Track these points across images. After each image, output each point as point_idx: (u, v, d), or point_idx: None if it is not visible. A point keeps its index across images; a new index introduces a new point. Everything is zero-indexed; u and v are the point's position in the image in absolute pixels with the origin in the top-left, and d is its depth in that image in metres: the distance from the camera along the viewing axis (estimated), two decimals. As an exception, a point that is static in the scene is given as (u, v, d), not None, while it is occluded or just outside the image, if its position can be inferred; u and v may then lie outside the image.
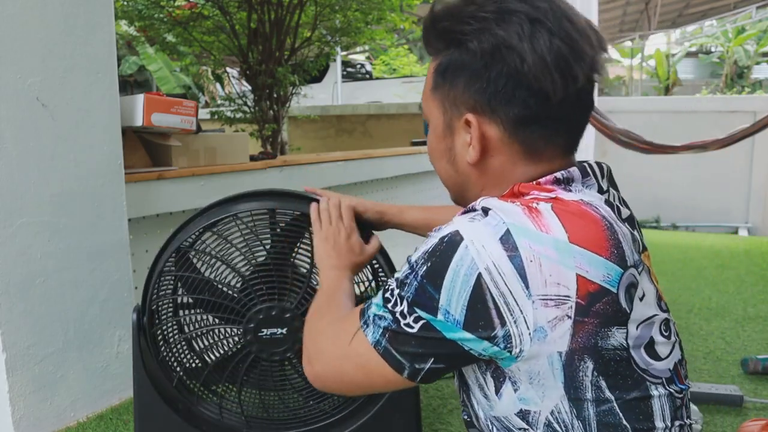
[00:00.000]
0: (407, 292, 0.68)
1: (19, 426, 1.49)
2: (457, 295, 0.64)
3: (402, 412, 1.16)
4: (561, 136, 0.72)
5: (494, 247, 0.64)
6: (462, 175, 0.77)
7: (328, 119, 6.80)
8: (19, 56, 1.42)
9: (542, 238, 0.64)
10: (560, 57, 0.67)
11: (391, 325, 0.69)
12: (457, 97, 0.73)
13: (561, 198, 0.68)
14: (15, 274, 1.46)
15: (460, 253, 0.64)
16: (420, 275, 0.67)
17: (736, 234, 5.24)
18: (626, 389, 0.67)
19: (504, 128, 0.71)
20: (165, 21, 4.05)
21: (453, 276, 0.65)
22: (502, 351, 0.65)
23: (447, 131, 0.76)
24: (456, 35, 0.70)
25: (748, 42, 14.12)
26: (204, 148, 2.19)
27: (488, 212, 0.66)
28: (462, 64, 0.71)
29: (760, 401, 1.69)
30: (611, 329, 0.65)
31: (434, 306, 0.66)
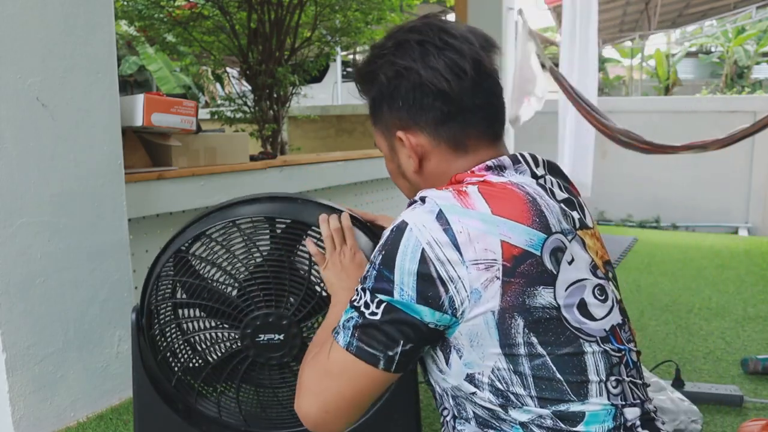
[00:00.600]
0: (368, 283, 0.77)
1: (19, 426, 1.49)
2: (407, 271, 0.74)
3: (402, 412, 1.16)
4: (476, 126, 0.84)
5: (432, 224, 0.75)
6: (414, 184, 0.91)
7: (328, 119, 6.80)
8: (19, 56, 1.42)
9: (469, 213, 0.75)
10: (450, 61, 0.81)
11: (358, 320, 0.76)
12: (387, 122, 0.88)
13: (489, 180, 0.80)
14: (15, 274, 1.46)
15: (407, 236, 0.75)
16: (377, 264, 0.77)
17: (736, 234, 5.24)
18: (558, 345, 0.75)
19: (427, 133, 0.85)
20: (165, 21, 4.06)
21: (402, 256, 0.75)
22: (451, 317, 0.74)
23: (392, 152, 0.91)
24: (370, 75, 0.87)
25: (748, 42, 14.11)
26: (204, 148, 2.19)
27: (425, 200, 0.78)
28: (380, 94, 0.86)
29: (760, 401, 1.69)
30: (537, 288, 0.74)
31: (391, 287, 0.75)
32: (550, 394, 0.75)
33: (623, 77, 15.74)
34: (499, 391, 0.76)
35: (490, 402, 0.77)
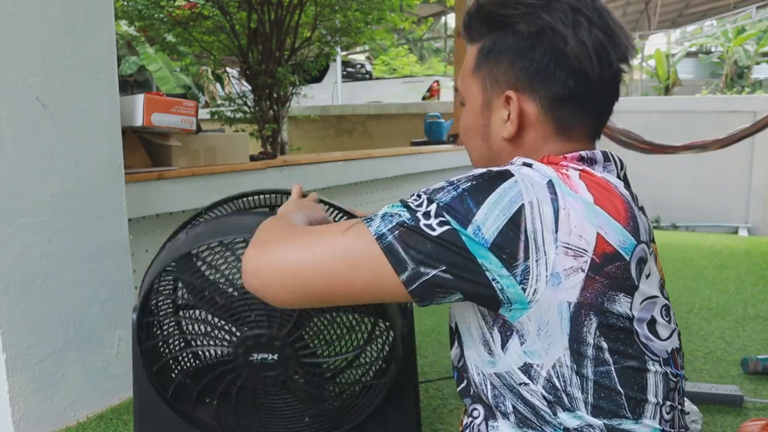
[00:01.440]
0: (441, 198, 0.68)
1: (19, 426, 1.49)
2: (495, 216, 0.66)
3: (402, 412, 1.16)
4: (589, 118, 0.79)
5: (541, 187, 0.68)
6: (495, 151, 0.82)
7: (328, 119, 6.80)
8: (19, 56, 1.42)
9: (573, 195, 0.69)
10: (598, 43, 0.74)
11: (408, 221, 0.67)
12: (499, 76, 0.79)
13: (588, 171, 0.74)
14: (15, 274, 1.46)
15: (509, 183, 0.68)
16: (462, 188, 0.68)
17: (736, 234, 5.24)
18: (625, 357, 0.70)
19: (541, 105, 0.77)
20: (165, 21, 4.06)
21: (497, 198, 0.67)
22: (515, 285, 0.67)
23: (485, 108, 0.81)
24: (503, 19, 0.77)
25: (748, 42, 14.11)
26: (204, 148, 2.19)
27: (532, 165, 0.72)
28: (508, 45, 0.77)
29: (760, 401, 1.69)
30: (618, 294, 0.69)
31: (468, 218, 0.66)
32: (607, 405, 0.70)
33: (623, 77, 15.70)
34: (554, 388, 0.70)
35: (540, 398, 0.71)
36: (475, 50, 0.82)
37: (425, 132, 4.11)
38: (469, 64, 0.83)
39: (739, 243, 4.11)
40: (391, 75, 13.39)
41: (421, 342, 2.18)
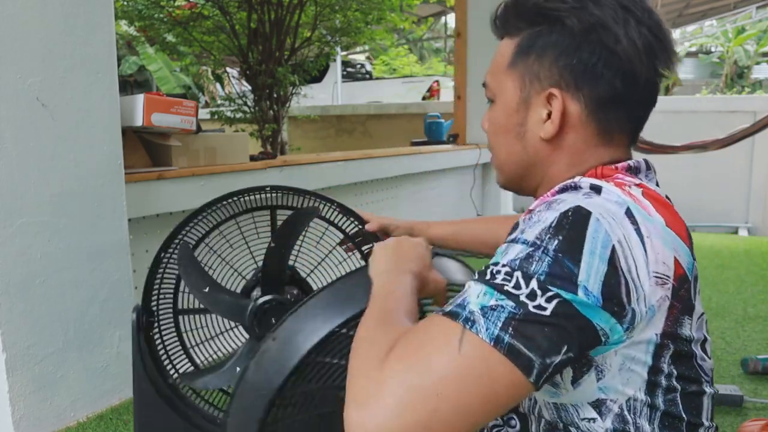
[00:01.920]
0: (537, 269, 0.58)
1: (19, 426, 1.49)
2: (596, 269, 0.59)
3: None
4: (629, 124, 0.74)
5: (623, 219, 0.62)
6: (530, 152, 0.76)
7: (328, 119, 6.80)
8: (19, 56, 1.42)
9: (649, 218, 0.64)
10: (647, 44, 0.70)
11: (516, 311, 0.57)
12: (541, 72, 0.73)
13: (645, 186, 0.69)
14: (15, 274, 1.46)
15: (594, 226, 0.60)
16: (552, 249, 0.59)
17: (736, 234, 5.24)
18: (689, 381, 0.67)
19: (585, 106, 0.72)
20: (165, 21, 4.06)
21: (591, 248, 0.59)
22: (623, 334, 0.61)
23: (522, 106, 0.75)
24: (549, 12, 0.72)
25: (748, 42, 14.12)
26: (204, 148, 2.19)
27: (600, 189, 0.65)
28: (553, 41, 0.72)
29: (760, 401, 1.69)
30: (684, 317, 0.65)
31: (573, 282, 0.58)
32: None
33: (623, 77, 15.72)
34: (624, 421, 0.65)
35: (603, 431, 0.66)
36: (512, 45, 0.76)
37: (425, 132, 4.11)
38: (504, 58, 0.77)
39: (739, 243, 4.11)
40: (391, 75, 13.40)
41: (421, 342, 2.18)
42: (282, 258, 1.09)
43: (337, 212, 1.21)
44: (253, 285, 1.16)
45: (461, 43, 4.13)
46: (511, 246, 0.62)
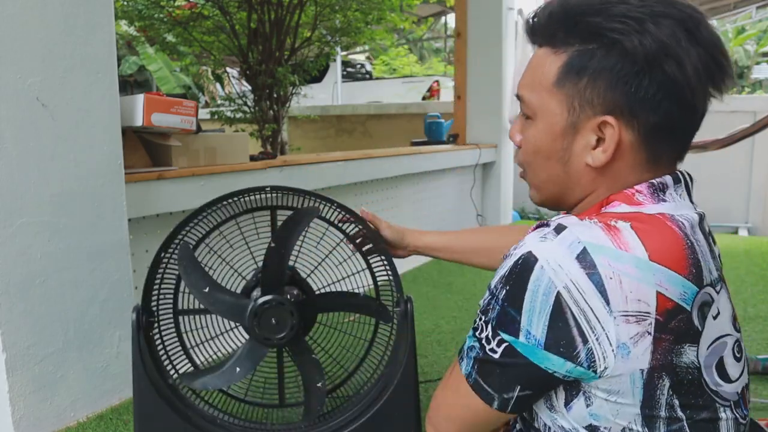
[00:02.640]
0: (490, 317, 0.69)
1: (19, 426, 1.49)
2: (537, 315, 0.64)
3: (402, 411, 1.16)
4: (680, 146, 0.72)
5: (571, 265, 0.62)
6: (572, 177, 0.73)
7: (328, 119, 6.80)
8: (19, 56, 1.42)
9: (622, 256, 0.62)
10: (707, 69, 0.65)
11: (479, 353, 0.70)
12: (594, 98, 0.68)
13: (643, 213, 0.67)
14: (15, 274, 1.46)
15: (536, 274, 0.64)
16: (500, 299, 0.68)
17: (736, 234, 5.24)
18: (697, 409, 0.67)
19: (639, 134, 0.68)
20: (165, 21, 4.06)
21: (532, 297, 0.64)
22: (587, 371, 0.64)
23: (569, 130, 0.71)
24: (606, 32, 0.65)
25: (748, 42, 14.11)
26: (204, 148, 2.19)
27: (562, 230, 0.65)
28: (611, 64, 0.66)
29: (760, 401, 1.69)
30: (684, 346, 0.65)
31: (516, 328, 0.66)
32: None
33: (623, 77, 15.71)
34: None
35: None
36: (558, 60, 0.70)
37: (425, 132, 4.11)
38: (548, 75, 0.71)
39: (739, 243, 4.11)
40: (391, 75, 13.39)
41: (421, 342, 2.18)
42: (282, 258, 1.09)
43: (338, 212, 1.21)
44: (253, 285, 1.17)
45: (461, 43, 4.13)
46: (486, 290, 0.71)
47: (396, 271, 1.19)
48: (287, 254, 1.10)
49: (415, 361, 1.18)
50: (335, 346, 1.32)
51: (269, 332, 1.08)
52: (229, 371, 1.11)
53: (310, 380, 1.14)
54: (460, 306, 2.64)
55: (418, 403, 1.19)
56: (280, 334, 1.08)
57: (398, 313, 1.17)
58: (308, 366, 1.14)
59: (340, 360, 1.31)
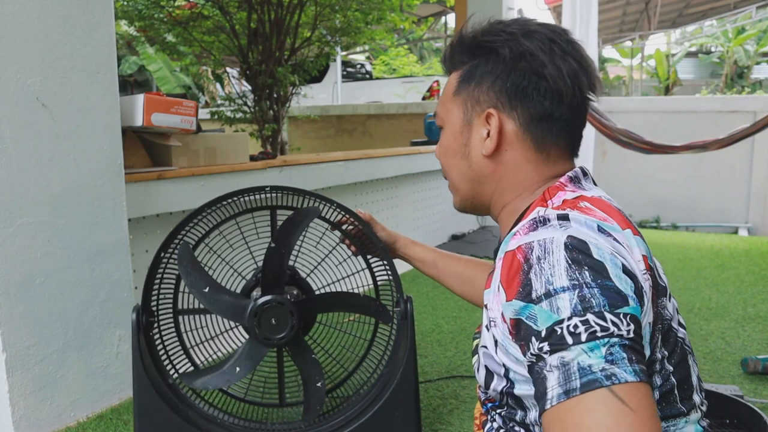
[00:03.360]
0: (598, 303, 0.61)
1: (19, 426, 1.49)
2: (623, 278, 0.64)
3: (402, 411, 1.16)
4: (563, 139, 0.83)
5: (600, 236, 0.68)
6: (475, 170, 0.85)
7: (328, 119, 6.80)
8: (19, 56, 1.42)
9: (614, 228, 0.71)
10: (572, 69, 0.79)
11: (624, 342, 0.60)
12: (480, 96, 0.83)
13: (586, 195, 0.77)
14: (15, 274, 1.46)
15: (594, 247, 0.65)
16: (591, 281, 0.63)
17: (736, 234, 5.24)
18: (676, 358, 0.73)
19: (520, 123, 0.81)
20: (165, 21, 4.05)
21: (611, 265, 0.64)
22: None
23: (465, 127, 0.85)
24: (487, 45, 0.82)
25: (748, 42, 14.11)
26: (204, 148, 2.19)
27: (565, 218, 0.71)
28: (490, 68, 0.82)
29: (760, 401, 1.69)
30: (663, 300, 0.72)
31: (622, 295, 0.63)
32: (669, 411, 0.71)
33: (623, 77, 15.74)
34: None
35: None
36: (456, 76, 0.87)
37: (425, 132, 4.11)
38: (450, 89, 0.87)
39: (739, 243, 4.11)
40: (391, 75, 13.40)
41: (421, 342, 2.18)
42: (282, 258, 1.09)
43: (337, 212, 1.21)
44: (253, 285, 1.17)
45: (461, 43, 4.12)
46: (550, 301, 0.63)
47: (396, 271, 1.19)
48: (287, 254, 1.10)
49: (415, 361, 1.18)
50: (335, 346, 1.32)
51: (269, 332, 1.08)
52: (229, 371, 1.11)
53: (310, 380, 1.14)
54: (460, 306, 2.64)
55: (418, 402, 1.19)
56: (280, 334, 1.08)
57: (398, 313, 1.17)
58: (308, 365, 1.14)
59: (340, 359, 1.31)
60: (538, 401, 0.62)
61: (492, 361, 0.80)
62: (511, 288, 0.68)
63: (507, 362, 0.77)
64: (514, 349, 0.73)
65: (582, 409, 0.57)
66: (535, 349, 0.63)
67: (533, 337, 0.63)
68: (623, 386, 0.57)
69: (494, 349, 0.78)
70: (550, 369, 0.61)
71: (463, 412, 1.63)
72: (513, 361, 0.75)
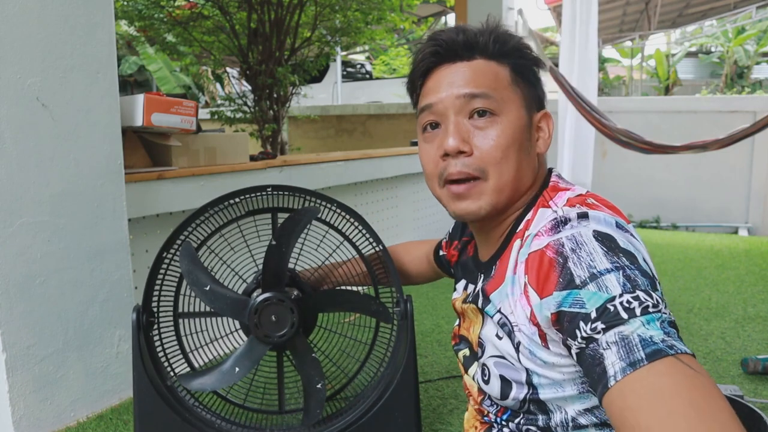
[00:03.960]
0: (641, 282, 0.63)
1: (19, 426, 1.49)
2: (646, 266, 0.67)
3: (402, 411, 1.16)
4: None
5: (618, 230, 0.71)
6: (532, 167, 0.85)
7: (328, 119, 6.80)
8: (19, 56, 1.42)
9: (627, 225, 0.74)
10: None
11: (670, 318, 0.62)
12: (534, 98, 0.86)
13: (591, 193, 0.81)
14: (15, 274, 1.46)
15: (618, 240, 0.68)
16: (628, 263, 0.65)
17: (736, 234, 5.24)
18: None
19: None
20: (165, 21, 4.05)
21: (635, 252, 0.68)
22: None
23: (529, 125, 0.84)
24: (530, 53, 0.87)
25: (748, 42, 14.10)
26: (204, 148, 2.19)
27: (584, 216, 0.73)
28: (534, 74, 0.87)
29: (760, 401, 1.69)
30: None
31: (655, 281, 0.66)
32: None
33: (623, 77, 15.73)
34: None
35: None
36: (503, 69, 0.84)
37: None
38: (501, 78, 0.83)
39: (739, 243, 4.11)
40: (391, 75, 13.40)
41: (421, 342, 2.18)
42: (282, 256, 1.09)
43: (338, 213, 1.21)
44: (254, 288, 1.16)
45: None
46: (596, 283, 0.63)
47: (395, 270, 1.19)
48: (288, 252, 1.10)
49: (415, 361, 1.18)
50: (336, 351, 1.32)
51: (269, 329, 1.08)
52: (227, 371, 1.11)
53: (310, 380, 1.14)
54: (460, 306, 2.64)
55: (418, 403, 1.19)
56: (281, 332, 1.08)
57: (398, 313, 1.17)
58: (308, 366, 1.14)
59: (342, 365, 1.31)
60: (596, 384, 0.61)
61: (510, 369, 0.79)
62: (547, 284, 0.68)
63: (532, 367, 0.75)
64: (544, 353, 0.73)
65: (654, 375, 0.57)
66: (586, 332, 0.62)
67: (581, 322, 0.63)
68: (685, 356, 0.59)
69: (515, 356, 0.77)
70: (606, 346, 0.60)
71: (462, 412, 1.63)
72: (539, 364, 0.74)
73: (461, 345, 0.96)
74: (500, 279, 0.81)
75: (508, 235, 0.83)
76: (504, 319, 0.78)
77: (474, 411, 0.95)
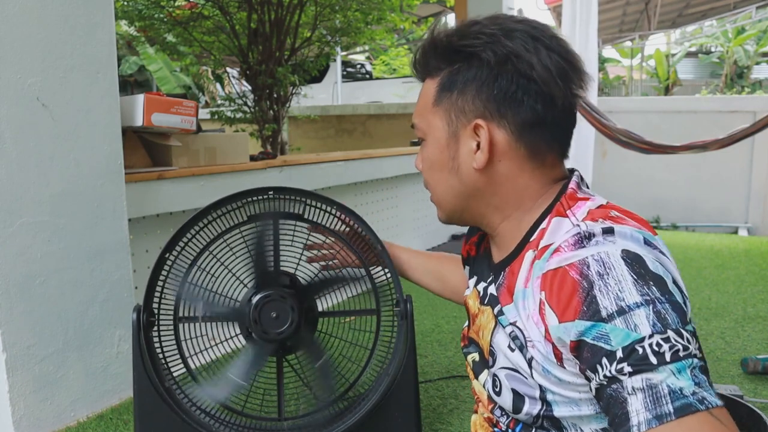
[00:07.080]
0: (672, 320, 0.60)
1: (19, 426, 1.49)
2: (675, 291, 0.63)
3: (402, 411, 1.16)
4: (556, 144, 0.79)
5: (647, 249, 0.65)
6: (467, 185, 0.79)
7: (328, 119, 6.80)
8: (19, 56, 1.42)
9: (655, 238, 0.69)
10: (560, 68, 0.74)
11: (700, 363, 0.60)
12: (465, 106, 0.76)
13: (612, 204, 0.75)
14: (15, 274, 1.46)
15: (647, 262, 0.63)
16: (660, 296, 0.60)
17: (736, 234, 5.24)
18: None
19: (511, 132, 0.75)
20: (165, 21, 4.05)
21: (665, 276, 0.63)
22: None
23: (451, 140, 0.79)
24: (465, 49, 0.76)
25: (748, 42, 14.11)
26: (204, 148, 2.19)
27: (610, 231, 0.66)
28: (473, 75, 0.75)
29: (760, 401, 1.69)
30: None
31: (685, 310, 0.62)
32: None
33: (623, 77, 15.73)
34: None
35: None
36: (434, 84, 0.80)
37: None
38: (428, 98, 0.80)
39: (739, 243, 4.11)
40: (391, 75, 13.40)
41: (421, 342, 2.18)
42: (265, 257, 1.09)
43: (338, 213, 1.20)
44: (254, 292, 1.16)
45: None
46: (624, 318, 0.60)
47: (395, 270, 1.18)
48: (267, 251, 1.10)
49: (415, 362, 1.18)
50: (337, 356, 1.31)
51: (269, 326, 1.08)
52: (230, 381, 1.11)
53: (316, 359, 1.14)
54: (460, 306, 2.64)
55: (418, 403, 1.19)
56: (281, 329, 1.08)
57: (398, 313, 1.17)
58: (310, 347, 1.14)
59: (343, 370, 1.30)
60: (617, 426, 0.58)
61: (523, 384, 0.75)
62: (569, 309, 0.64)
63: (546, 384, 0.72)
64: (559, 371, 0.69)
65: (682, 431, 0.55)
66: (610, 371, 0.59)
67: (605, 358, 0.60)
68: (717, 409, 0.57)
69: (528, 371, 0.74)
70: (632, 391, 0.58)
71: (463, 412, 1.63)
72: (554, 382, 0.71)
73: (470, 348, 0.92)
74: (510, 289, 0.77)
75: (521, 243, 0.78)
76: (516, 332, 0.74)
77: (483, 418, 0.92)
